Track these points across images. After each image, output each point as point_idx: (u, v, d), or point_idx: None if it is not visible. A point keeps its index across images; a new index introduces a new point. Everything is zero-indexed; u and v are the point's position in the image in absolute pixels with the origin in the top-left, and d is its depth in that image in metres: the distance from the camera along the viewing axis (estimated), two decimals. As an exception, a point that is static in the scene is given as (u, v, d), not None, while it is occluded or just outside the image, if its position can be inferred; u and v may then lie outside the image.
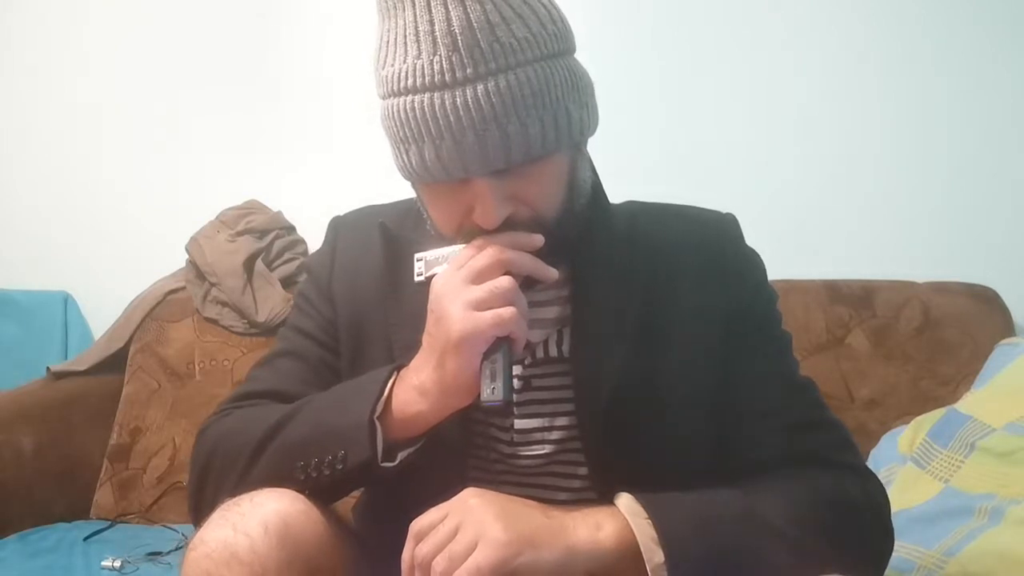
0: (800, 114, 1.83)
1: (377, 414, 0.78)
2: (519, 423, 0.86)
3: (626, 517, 0.73)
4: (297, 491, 0.77)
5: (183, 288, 1.94)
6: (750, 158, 1.85)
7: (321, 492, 0.79)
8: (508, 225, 0.77)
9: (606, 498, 0.78)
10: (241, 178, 2.03)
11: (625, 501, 0.75)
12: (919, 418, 1.47)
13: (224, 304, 1.88)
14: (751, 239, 0.93)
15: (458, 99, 0.71)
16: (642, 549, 0.71)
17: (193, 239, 1.93)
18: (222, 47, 2.06)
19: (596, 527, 0.73)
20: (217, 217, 1.96)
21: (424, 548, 0.71)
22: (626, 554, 0.71)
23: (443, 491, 0.85)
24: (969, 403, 1.42)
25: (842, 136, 1.82)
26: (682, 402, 0.84)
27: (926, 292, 1.68)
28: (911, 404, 1.58)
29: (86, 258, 2.13)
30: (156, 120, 2.10)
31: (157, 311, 1.91)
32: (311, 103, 2.01)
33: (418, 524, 0.73)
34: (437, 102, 0.72)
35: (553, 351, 0.86)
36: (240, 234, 1.91)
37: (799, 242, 1.80)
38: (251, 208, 1.98)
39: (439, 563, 0.69)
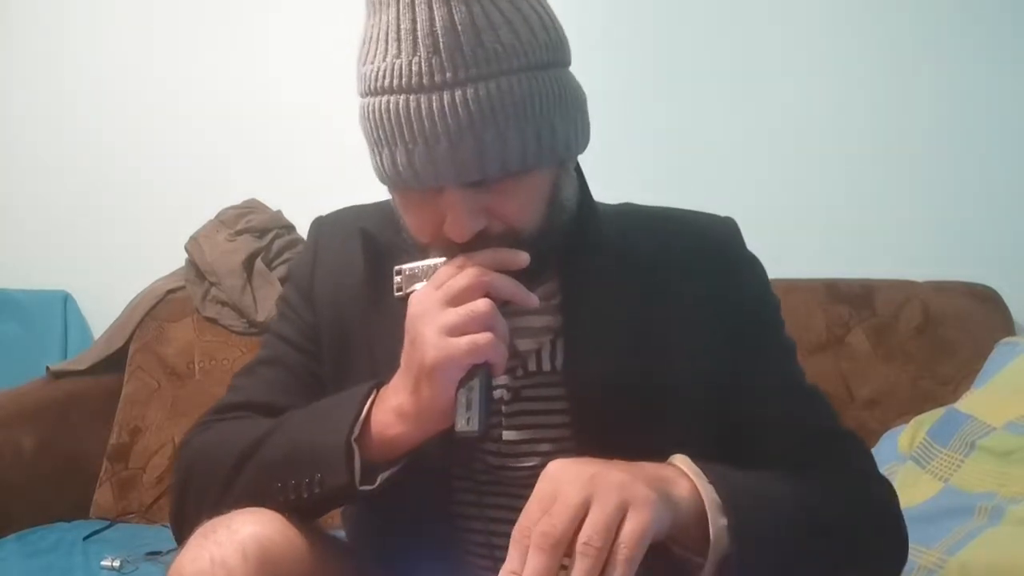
0: (801, 113, 1.83)
1: (355, 436, 0.74)
2: (507, 434, 0.83)
3: (692, 479, 0.69)
4: (276, 510, 0.75)
5: (183, 287, 1.94)
6: (750, 157, 1.85)
7: (301, 512, 0.76)
8: (481, 240, 0.73)
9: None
10: (240, 177, 2.03)
11: (686, 463, 0.71)
12: (919, 417, 1.47)
13: (224, 303, 1.88)
14: (751, 238, 0.91)
15: (434, 104, 0.68)
16: (708, 511, 0.67)
17: (193, 238, 1.93)
18: (222, 45, 2.06)
19: (671, 483, 0.68)
20: (216, 216, 1.96)
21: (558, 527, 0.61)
22: (693, 515, 0.67)
23: (427, 502, 0.83)
24: (969, 402, 1.42)
25: (842, 135, 1.81)
26: (683, 414, 0.81)
27: (926, 291, 1.68)
28: (911, 403, 1.58)
29: (86, 257, 2.13)
30: (155, 119, 2.09)
31: (157, 310, 1.91)
32: (311, 101, 2.01)
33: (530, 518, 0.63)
34: (412, 105, 0.69)
35: (546, 364, 0.83)
36: (240, 233, 1.91)
37: (799, 241, 1.80)
38: (250, 207, 1.98)
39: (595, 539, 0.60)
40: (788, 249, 1.78)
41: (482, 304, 0.71)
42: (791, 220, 1.81)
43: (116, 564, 1.48)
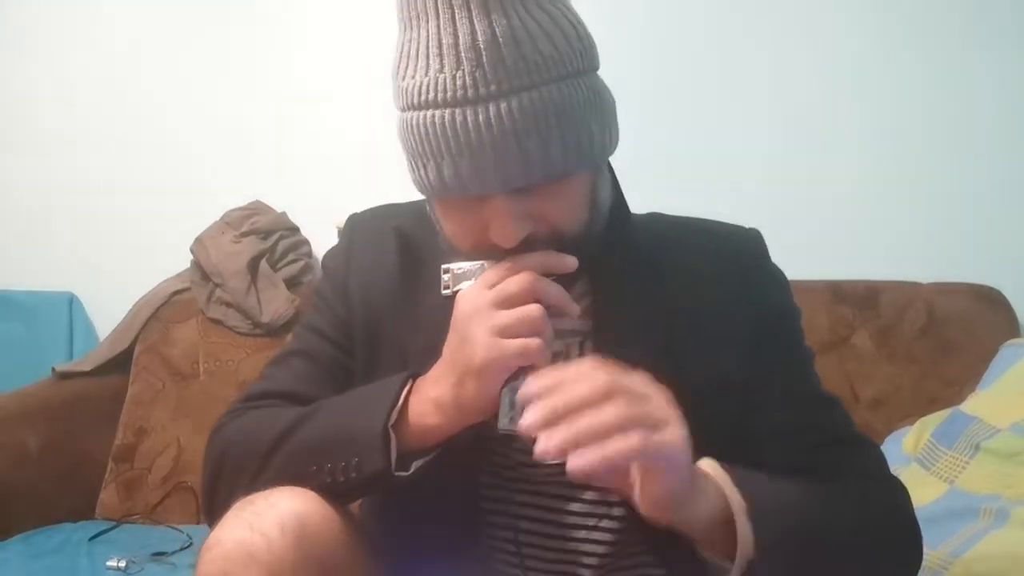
0: (804, 115, 1.83)
1: (392, 423, 0.76)
2: None
3: (719, 482, 0.72)
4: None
5: (188, 289, 1.94)
6: (755, 159, 1.85)
7: (334, 496, 0.78)
8: (526, 244, 0.75)
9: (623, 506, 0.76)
10: (246, 179, 2.04)
11: (713, 466, 0.74)
12: (924, 419, 1.47)
13: (228, 305, 1.88)
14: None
15: (480, 116, 0.70)
16: (735, 514, 0.70)
17: (198, 240, 1.93)
18: (227, 46, 2.07)
19: (700, 477, 0.71)
20: (222, 218, 1.96)
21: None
22: (718, 516, 0.70)
23: (452, 496, 0.84)
24: (974, 404, 1.41)
25: (846, 137, 1.81)
26: (704, 418, 0.80)
27: (930, 292, 1.68)
28: (915, 405, 1.58)
29: (91, 259, 2.14)
30: (161, 120, 2.10)
31: (162, 312, 1.92)
32: (316, 104, 2.01)
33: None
34: (459, 118, 0.70)
35: None
36: (245, 235, 1.92)
37: (803, 242, 1.79)
38: (256, 209, 1.99)
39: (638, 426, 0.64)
40: (792, 250, 1.75)
41: (534, 309, 0.74)
42: (795, 221, 1.80)
43: (122, 565, 1.48)
